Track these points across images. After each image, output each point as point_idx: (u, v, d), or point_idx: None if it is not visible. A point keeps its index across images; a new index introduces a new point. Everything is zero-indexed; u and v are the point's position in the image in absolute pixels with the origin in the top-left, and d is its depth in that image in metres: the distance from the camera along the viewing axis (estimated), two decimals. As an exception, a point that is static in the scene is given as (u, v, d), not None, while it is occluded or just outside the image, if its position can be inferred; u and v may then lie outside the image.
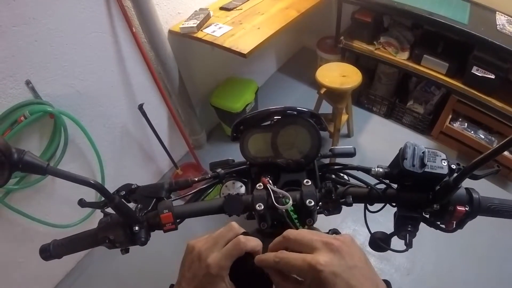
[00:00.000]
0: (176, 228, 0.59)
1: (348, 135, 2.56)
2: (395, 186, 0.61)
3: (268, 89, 3.03)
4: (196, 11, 1.92)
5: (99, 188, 0.49)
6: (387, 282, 0.43)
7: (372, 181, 0.63)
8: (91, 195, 1.82)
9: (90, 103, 1.63)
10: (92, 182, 0.48)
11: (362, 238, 1.89)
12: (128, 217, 0.56)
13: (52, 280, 1.88)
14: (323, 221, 0.67)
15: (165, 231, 0.59)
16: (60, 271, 1.91)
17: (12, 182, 1.38)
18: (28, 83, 1.33)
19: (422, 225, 0.59)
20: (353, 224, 1.97)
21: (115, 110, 1.79)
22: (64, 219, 1.70)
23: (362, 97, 2.72)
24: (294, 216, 0.57)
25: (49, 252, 0.60)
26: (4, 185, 0.45)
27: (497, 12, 2.08)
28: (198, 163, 2.31)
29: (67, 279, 1.91)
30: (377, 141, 2.52)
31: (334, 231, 1.08)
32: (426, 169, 0.53)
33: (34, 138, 1.45)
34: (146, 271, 1.90)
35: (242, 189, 0.72)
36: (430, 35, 2.20)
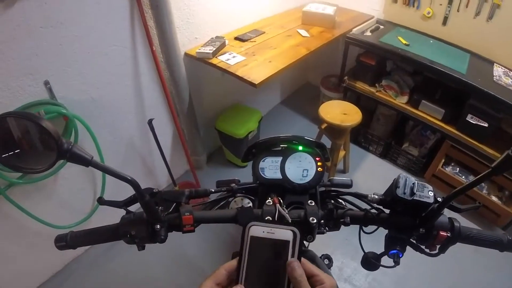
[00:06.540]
0: (193, 231, 0.65)
1: (343, 171, 2.63)
2: (387, 211, 0.68)
3: (271, 120, 3.12)
4: (212, 38, 2.03)
5: (135, 185, 0.56)
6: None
7: (366, 208, 0.70)
8: (89, 201, 1.85)
9: (101, 112, 1.69)
10: (129, 178, 0.55)
11: (350, 270, 1.91)
12: (153, 216, 0.62)
13: (38, 279, 1.86)
14: (317, 247, 0.74)
15: (183, 232, 0.64)
16: (47, 272, 1.89)
17: (16, 176, 1.40)
18: (46, 83, 1.39)
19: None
20: (341, 257, 1.99)
21: (124, 122, 1.85)
22: (59, 221, 1.70)
23: (359, 136, 2.82)
24: None
25: (66, 241, 0.64)
26: (46, 170, 0.49)
27: (495, 64, 2.21)
28: (197, 182, 2.35)
29: (53, 280, 1.89)
30: (371, 179, 2.58)
31: (326, 256, 1.13)
32: (415, 197, 0.61)
33: (43, 137, 1.49)
34: (132, 281, 1.89)
35: (249, 205, 0.80)
36: (429, 82, 2.33)
